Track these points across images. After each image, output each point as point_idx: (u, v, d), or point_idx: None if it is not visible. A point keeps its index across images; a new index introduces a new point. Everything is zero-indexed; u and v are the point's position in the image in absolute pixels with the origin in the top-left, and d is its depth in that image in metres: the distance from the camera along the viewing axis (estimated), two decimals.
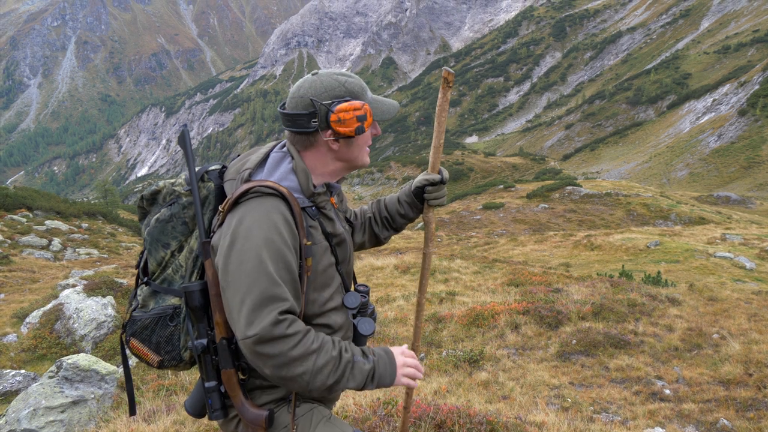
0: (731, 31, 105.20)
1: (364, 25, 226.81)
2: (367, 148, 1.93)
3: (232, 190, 1.75)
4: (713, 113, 74.26)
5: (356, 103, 1.79)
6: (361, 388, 1.70)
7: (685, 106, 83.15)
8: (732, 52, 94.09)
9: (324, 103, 1.77)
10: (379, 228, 2.25)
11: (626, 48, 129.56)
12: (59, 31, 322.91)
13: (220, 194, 1.81)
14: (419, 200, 2.16)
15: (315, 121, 1.78)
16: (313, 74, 1.84)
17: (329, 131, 1.80)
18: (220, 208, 1.73)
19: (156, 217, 1.81)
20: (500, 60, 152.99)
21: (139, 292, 1.86)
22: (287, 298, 1.60)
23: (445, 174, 2.10)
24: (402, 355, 1.83)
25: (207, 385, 1.73)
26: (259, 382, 1.78)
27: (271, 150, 1.87)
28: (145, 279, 1.86)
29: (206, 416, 1.83)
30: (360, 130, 1.80)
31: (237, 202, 1.69)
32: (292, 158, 1.82)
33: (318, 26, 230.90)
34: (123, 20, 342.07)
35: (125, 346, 1.89)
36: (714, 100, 77.03)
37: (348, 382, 1.66)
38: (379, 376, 1.73)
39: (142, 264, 1.88)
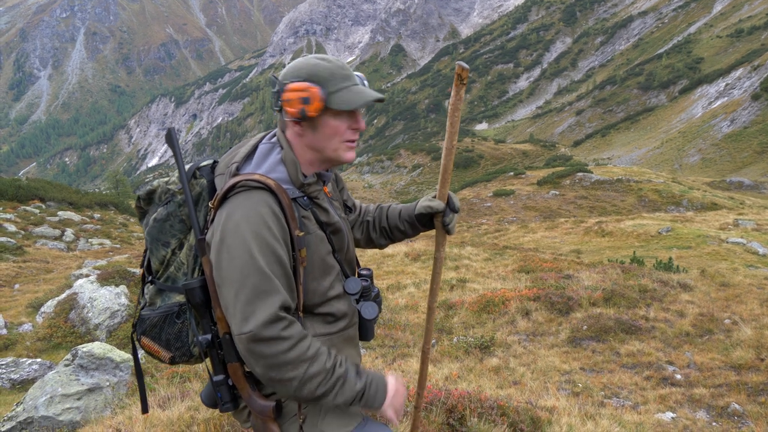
0: (744, 14, 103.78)
1: (372, 12, 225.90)
2: (348, 143, 1.82)
3: (221, 184, 1.74)
4: (726, 98, 73.43)
5: (302, 84, 1.71)
6: (349, 405, 1.70)
7: (697, 91, 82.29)
8: (745, 35, 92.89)
9: (280, 81, 1.75)
10: (377, 235, 2.20)
11: (637, 32, 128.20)
12: (68, 22, 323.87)
13: (213, 190, 1.79)
14: (421, 224, 2.08)
15: (280, 101, 1.76)
16: (305, 56, 1.82)
17: (285, 111, 1.76)
18: (210, 204, 1.72)
19: (153, 216, 1.80)
20: (510, 46, 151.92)
21: (146, 290, 1.88)
22: (280, 291, 1.60)
23: (455, 202, 1.99)
24: (397, 383, 1.80)
25: (215, 379, 1.74)
26: None
27: (259, 142, 1.84)
28: (150, 278, 1.86)
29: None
30: (302, 113, 1.72)
31: (225, 197, 1.68)
32: (281, 148, 1.80)
33: (326, 14, 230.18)
34: (131, 10, 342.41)
35: (137, 344, 1.91)
36: (727, 85, 76.14)
37: (336, 397, 1.65)
38: (368, 399, 1.70)
39: (146, 263, 1.89)
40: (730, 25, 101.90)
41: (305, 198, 1.79)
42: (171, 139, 1.77)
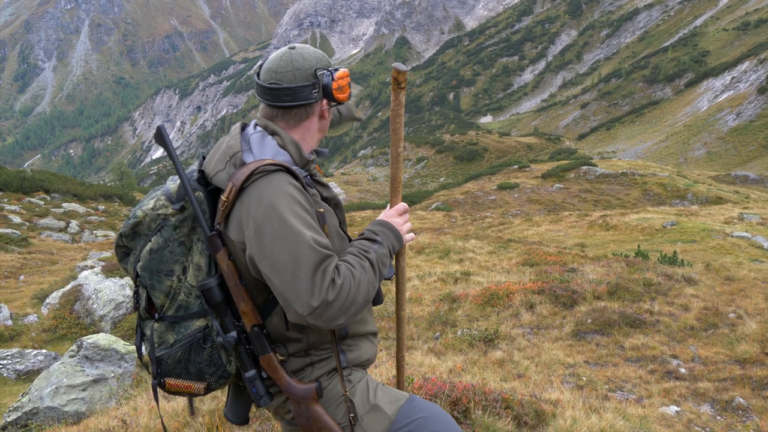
0: (751, 7, 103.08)
1: (377, 5, 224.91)
2: None
3: (226, 179, 1.70)
4: (732, 91, 73.07)
5: (345, 71, 1.83)
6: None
7: (702, 84, 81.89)
8: (752, 28, 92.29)
9: (328, 71, 1.79)
10: None
11: (643, 25, 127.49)
12: (72, 13, 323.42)
13: (212, 199, 1.74)
14: None
15: (316, 91, 1.78)
16: (290, 48, 1.80)
17: (325, 100, 1.83)
18: (223, 198, 1.66)
19: (148, 248, 1.72)
20: (515, 39, 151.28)
21: (149, 332, 1.78)
22: (330, 254, 1.59)
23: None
24: (398, 216, 1.91)
25: (247, 375, 1.71)
26: (310, 360, 1.78)
27: (240, 134, 1.81)
28: (157, 315, 1.76)
29: (248, 421, 1.87)
30: (350, 96, 1.85)
31: (243, 187, 1.65)
32: (274, 134, 1.79)
33: (331, 6, 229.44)
34: (136, 2, 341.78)
35: (161, 389, 1.80)
36: (732, 78, 75.75)
37: (383, 271, 1.75)
38: (393, 248, 1.82)
39: (144, 304, 1.78)
40: (736, 18, 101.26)
41: (308, 177, 1.81)
42: (162, 137, 1.73)
